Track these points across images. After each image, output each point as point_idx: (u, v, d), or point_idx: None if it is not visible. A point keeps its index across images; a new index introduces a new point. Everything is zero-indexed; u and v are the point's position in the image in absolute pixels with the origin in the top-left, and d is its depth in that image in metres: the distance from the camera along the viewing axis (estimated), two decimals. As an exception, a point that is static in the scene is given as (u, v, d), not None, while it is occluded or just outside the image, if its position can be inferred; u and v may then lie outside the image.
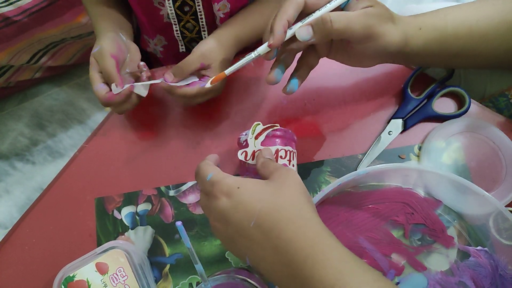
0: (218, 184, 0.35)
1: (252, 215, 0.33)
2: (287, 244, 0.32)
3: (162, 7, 0.61)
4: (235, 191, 0.35)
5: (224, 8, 0.60)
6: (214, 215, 0.36)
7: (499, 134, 0.50)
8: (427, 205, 0.48)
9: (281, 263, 0.32)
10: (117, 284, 0.45)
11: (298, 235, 0.32)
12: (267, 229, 0.33)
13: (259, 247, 0.33)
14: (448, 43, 0.46)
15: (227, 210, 0.34)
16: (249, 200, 0.34)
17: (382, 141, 0.52)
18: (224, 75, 0.44)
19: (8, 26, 1.05)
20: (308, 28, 0.40)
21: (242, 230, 0.34)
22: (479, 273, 0.45)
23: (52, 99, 1.36)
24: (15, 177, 1.26)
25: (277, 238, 0.32)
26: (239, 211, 0.34)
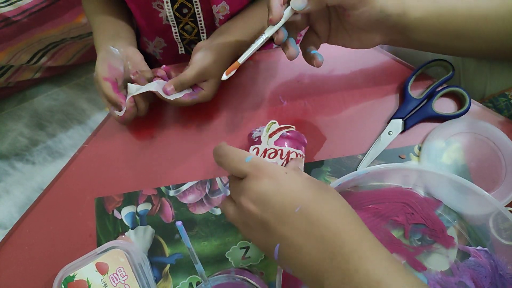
0: (263, 166, 0.34)
1: (297, 202, 0.32)
2: (335, 235, 0.31)
3: (160, 9, 0.61)
4: (282, 176, 0.34)
5: (223, 10, 0.60)
6: (251, 196, 0.34)
7: (499, 134, 0.50)
8: (427, 205, 0.48)
9: (324, 253, 0.31)
10: (117, 284, 0.45)
11: (347, 229, 0.32)
12: (314, 218, 0.32)
13: (300, 235, 0.32)
14: (447, 19, 0.45)
15: (270, 192, 0.33)
16: (296, 187, 0.33)
17: (382, 141, 0.52)
18: (238, 64, 0.43)
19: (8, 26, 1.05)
20: None
21: (284, 216, 0.32)
22: (479, 273, 0.45)
23: (52, 99, 1.36)
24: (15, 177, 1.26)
25: (325, 228, 0.32)
26: (284, 194, 0.33)
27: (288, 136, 0.44)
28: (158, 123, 0.57)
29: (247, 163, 0.35)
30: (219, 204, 0.52)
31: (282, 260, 0.33)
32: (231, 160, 0.36)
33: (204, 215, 0.52)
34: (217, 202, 0.52)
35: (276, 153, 0.44)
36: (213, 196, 0.53)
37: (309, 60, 0.46)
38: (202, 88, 0.53)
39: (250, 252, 0.50)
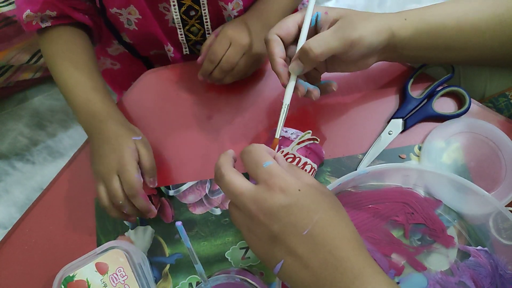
0: (278, 177, 0.34)
1: (307, 223, 0.32)
2: (338, 261, 0.31)
3: (167, 12, 0.61)
4: (295, 192, 0.33)
5: (237, 6, 0.59)
6: (262, 208, 0.33)
7: (499, 134, 0.50)
8: (427, 205, 0.48)
9: (326, 278, 0.31)
10: (117, 284, 0.45)
11: (351, 255, 0.32)
12: (320, 242, 0.32)
13: (304, 256, 0.32)
14: (437, 34, 0.46)
15: (281, 208, 0.33)
16: (307, 207, 0.33)
17: (382, 141, 0.52)
18: (277, 140, 0.43)
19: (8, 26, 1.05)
20: (297, 62, 0.43)
21: (291, 234, 0.32)
22: (479, 273, 0.45)
23: (52, 99, 1.35)
24: (15, 177, 1.26)
25: (329, 253, 0.32)
26: (295, 213, 0.32)
27: (311, 148, 0.45)
28: (157, 124, 0.57)
29: (263, 169, 0.34)
30: (219, 204, 0.52)
31: (283, 275, 0.33)
32: (251, 160, 0.36)
33: (203, 215, 0.52)
34: (217, 202, 0.52)
35: (294, 160, 0.45)
36: (213, 196, 0.53)
37: (324, 90, 0.48)
38: None
39: (250, 252, 0.50)
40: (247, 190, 0.34)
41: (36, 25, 0.55)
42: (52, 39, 0.57)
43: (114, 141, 0.49)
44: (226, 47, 0.53)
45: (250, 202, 0.33)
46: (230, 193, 0.35)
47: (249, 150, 0.36)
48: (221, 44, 0.53)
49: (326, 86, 0.48)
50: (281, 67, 0.44)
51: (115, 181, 0.47)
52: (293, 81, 0.44)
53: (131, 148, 0.49)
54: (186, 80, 0.59)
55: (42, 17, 0.55)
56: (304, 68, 0.43)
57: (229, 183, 0.34)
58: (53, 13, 0.55)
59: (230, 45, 0.53)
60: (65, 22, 0.57)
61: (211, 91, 0.58)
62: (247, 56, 0.53)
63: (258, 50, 0.54)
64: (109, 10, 0.60)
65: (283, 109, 0.44)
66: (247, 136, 0.55)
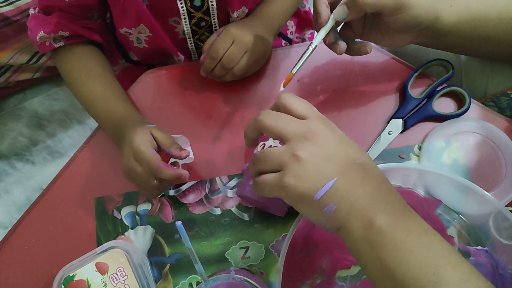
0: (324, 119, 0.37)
1: (358, 155, 0.35)
2: (389, 189, 0.35)
3: (177, 25, 0.61)
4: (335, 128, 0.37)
5: (242, 14, 0.60)
6: (319, 132, 0.34)
7: (499, 134, 0.50)
8: (427, 205, 0.48)
9: (379, 198, 0.33)
10: (117, 284, 0.45)
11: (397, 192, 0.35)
12: (370, 172, 0.34)
13: (358, 179, 0.34)
14: (478, 23, 0.46)
15: (335, 135, 0.35)
16: (355, 147, 0.36)
17: (382, 141, 0.52)
18: (292, 75, 0.44)
19: (8, 26, 1.05)
20: (343, 7, 0.43)
21: (345, 159, 0.34)
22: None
23: (51, 99, 1.35)
24: (15, 177, 1.26)
25: (383, 181, 0.35)
26: (347, 145, 0.35)
27: None
28: (157, 123, 0.57)
29: (315, 111, 0.37)
30: (219, 203, 0.52)
31: (332, 194, 0.33)
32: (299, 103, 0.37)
33: (204, 215, 0.52)
34: (217, 202, 0.52)
35: None
36: (213, 196, 0.53)
37: (357, 50, 0.49)
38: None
39: (250, 252, 0.50)
40: (298, 120, 0.36)
41: (49, 45, 0.56)
42: (66, 57, 0.58)
43: (129, 134, 0.49)
44: (229, 45, 0.53)
45: (304, 126, 0.35)
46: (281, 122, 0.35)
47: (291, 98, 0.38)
48: (224, 41, 0.53)
49: (361, 46, 0.48)
50: (323, 6, 0.44)
51: (137, 168, 0.46)
52: (330, 25, 0.44)
53: (142, 133, 0.48)
54: (186, 80, 0.59)
55: (55, 37, 0.56)
56: (348, 15, 0.43)
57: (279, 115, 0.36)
58: (66, 33, 0.56)
59: (233, 43, 0.53)
60: (78, 41, 0.58)
61: (211, 91, 0.58)
62: (249, 55, 0.53)
63: (260, 50, 0.54)
64: (119, 29, 0.61)
65: (310, 48, 0.44)
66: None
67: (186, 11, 0.57)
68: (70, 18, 0.56)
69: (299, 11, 0.76)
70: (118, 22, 0.60)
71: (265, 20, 0.58)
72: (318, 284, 0.46)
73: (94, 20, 0.59)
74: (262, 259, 0.49)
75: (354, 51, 0.49)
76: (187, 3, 0.57)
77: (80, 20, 0.57)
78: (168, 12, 0.58)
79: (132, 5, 0.55)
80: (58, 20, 0.55)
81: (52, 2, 0.55)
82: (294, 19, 0.77)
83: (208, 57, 0.54)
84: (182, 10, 0.57)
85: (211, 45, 0.54)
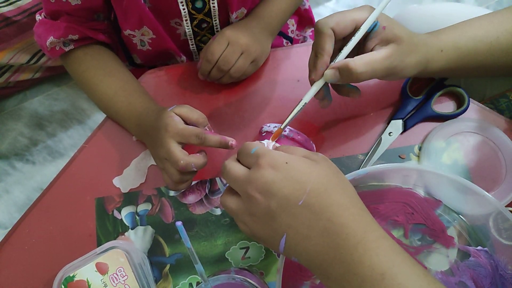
0: (265, 156, 0.35)
1: (300, 194, 0.33)
2: (338, 228, 0.32)
3: (179, 26, 0.61)
4: (283, 166, 0.34)
5: (241, 15, 0.60)
6: (256, 186, 0.34)
7: (499, 134, 0.50)
8: (427, 205, 0.48)
9: (329, 245, 0.32)
10: (117, 284, 0.45)
11: (351, 221, 0.32)
12: (317, 210, 0.32)
13: (304, 226, 0.33)
14: (468, 58, 0.47)
15: (274, 183, 0.33)
16: (298, 178, 0.33)
17: (382, 143, 0.52)
18: (281, 130, 0.44)
19: (8, 26, 1.05)
20: (335, 72, 0.43)
21: (288, 207, 0.33)
22: (479, 273, 0.45)
23: (52, 99, 1.35)
24: (15, 177, 1.26)
25: (328, 221, 0.32)
26: (287, 186, 0.33)
27: (295, 140, 0.45)
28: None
29: (252, 155, 0.36)
30: (219, 204, 0.52)
31: (288, 249, 0.34)
32: (242, 154, 0.37)
33: (204, 215, 0.52)
34: (217, 202, 0.52)
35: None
36: (213, 196, 0.53)
37: (347, 94, 0.48)
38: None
39: (250, 252, 0.50)
40: (242, 174, 0.35)
41: (60, 50, 0.57)
42: (79, 58, 0.58)
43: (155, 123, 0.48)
44: (224, 47, 0.53)
45: (246, 183, 0.35)
46: (229, 179, 0.36)
47: (240, 149, 0.38)
48: (219, 43, 0.53)
49: (351, 91, 0.48)
50: (323, 66, 0.43)
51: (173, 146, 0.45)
52: (320, 84, 0.44)
53: (170, 115, 0.47)
54: (186, 80, 0.59)
55: (64, 41, 0.56)
56: (339, 81, 0.43)
57: (229, 171, 0.36)
58: (75, 37, 0.56)
59: (228, 45, 0.53)
60: (87, 43, 0.58)
61: (210, 92, 0.58)
62: (245, 56, 0.53)
63: (257, 51, 0.54)
64: (123, 31, 0.61)
65: (299, 105, 0.44)
66: (246, 136, 0.55)
67: (187, 13, 0.58)
68: (78, 21, 0.56)
69: (299, 9, 0.76)
70: (122, 24, 0.60)
71: (263, 20, 0.58)
72: (318, 284, 0.46)
73: (101, 22, 0.59)
74: (262, 259, 0.49)
75: (344, 93, 0.48)
76: (188, 5, 0.57)
77: (88, 22, 0.57)
78: (169, 13, 0.58)
79: (135, 7, 0.55)
80: (67, 24, 0.55)
81: (59, 7, 0.55)
82: (295, 17, 0.77)
83: (204, 60, 0.54)
84: (184, 12, 0.57)
85: (207, 48, 0.54)
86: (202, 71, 0.55)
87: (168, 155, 0.46)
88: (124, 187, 0.53)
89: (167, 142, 0.46)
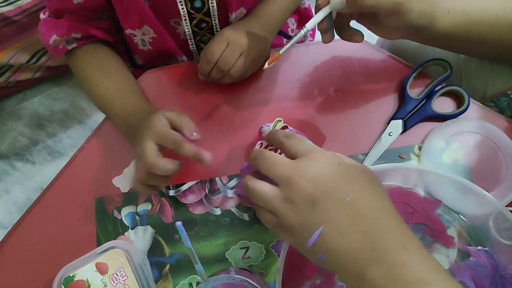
0: (318, 152, 0.35)
1: (348, 192, 0.33)
2: (383, 230, 0.32)
3: (178, 26, 0.61)
4: (335, 165, 0.34)
5: (240, 15, 0.60)
6: (303, 173, 0.34)
7: (499, 134, 0.50)
8: (427, 205, 0.48)
9: (369, 246, 0.31)
10: (117, 284, 0.45)
11: (393, 227, 0.32)
12: (360, 212, 0.33)
13: (346, 223, 0.32)
14: (474, 28, 0.47)
15: (322, 175, 0.33)
16: (347, 179, 0.34)
17: (382, 143, 0.52)
18: (279, 55, 0.45)
19: (8, 26, 1.05)
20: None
21: (333, 199, 0.33)
22: (479, 273, 0.45)
23: (52, 98, 1.35)
24: (15, 177, 1.26)
25: (370, 225, 0.32)
26: (336, 181, 0.33)
27: None
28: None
29: (306, 145, 0.36)
30: (219, 204, 0.52)
31: (320, 243, 0.33)
32: (293, 141, 0.37)
33: (204, 215, 0.52)
34: (217, 202, 0.52)
35: (276, 150, 0.44)
36: (213, 196, 0.53)
37: (349, 37, 0.49)
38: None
39: (250, 252, 0.50)
40: (286, 161, 0.35)
41: (63, 48, 0.57)
42: (80, 56, 0.58)
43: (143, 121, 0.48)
44: (223, 47, 0.53)
45: (290, 169, 0.34)
46: (268, 165, 0.35)
47: (287, 134, 0.38)
48: (218, 44, 0.53)
49: (354, 34, 0.49)
50: None
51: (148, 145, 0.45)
52: (325, 12, 0.44)
53: (157, 116, 0.46)
54: (186, 80, 0.59)
55: (67, 40, 0.57)
56: (345, 7, 0.44)
57: (268, 157, 0.36)
58: (78, 35, 0.56)
59: (228, 45, 0.53)
60: (89, 41, 0.58)
61: (210, 92, 0.58)
62: (245, 57, 0.53)
63: (257, 51, 0.54)
64: (125, 31, 0.61)
65: (301, 31, 0.44)
66: (246, 136, 0.55)
67: (186, 13, 0.57)
68: (81, 20, 0.56)
69: (299, 8, 0.76)
70: (123, 23, 0.60)
71: (262, 20, 0.58)
72: (318, 284, 0.46)
73: (104, 21, 0.59)
74: (262, 259, 0.49)
75: (346, 36, 0.49)
76: (187, 4, 0.57)
77: (91, 21, 0.57)
78: (169, 13, 0.58)
79: (135, 6, 0.55)
80: (70, 22, 0.55)
81: (61, 6, 0.55)
82: (295, 16, 0.77)
83: (204, 61, 0.54)
84: (183, 11, 0.57)
85: (206, 48, 0.54)
86: (202, 71, 0.55)
87: (141, 152, 0.45)
88: (124, 187, 0.53)
89: (144, 139, 0.45)
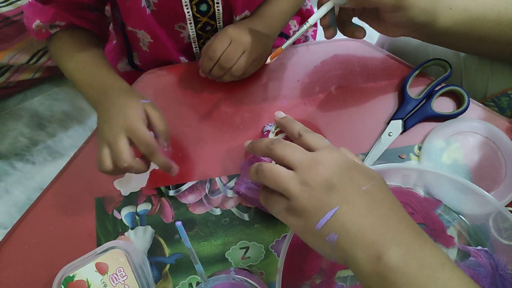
0: (336, 149, 0.37)
1: (364, 183, 0.34)
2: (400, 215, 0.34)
3: (183, 30, 0.61)
4: (352, 162, 0.36)
5: (245, 17, 0.60)
6: (323, 161, 0.34)
7: (499, 134, 0.50)
8: (427, 205, 0.48)
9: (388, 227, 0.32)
10: (117, 284, 0.45)
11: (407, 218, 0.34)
12: (379, 199, 0.34)
13: (364, 205, 0.33)
14: (475, 25, 0.47)
15: (340, 164, 0.35)
16: (364, 172, 0.35)
17: (382, 143, 0.52)
18: (281, 50, 0.45)
19: (8, 26, 1.05)
20: None
21: (350, 186, 0.34)
22: (479, 273, 0.45)
23: (52, 99, 1.35)
24: (15, 177, 1.26)
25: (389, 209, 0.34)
26: (354, 172, 0.35)
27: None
28: (158, 123, 0.57)
29: (327, 142, 0.38)
30: (219, 204, 0.52)
31: (333, 222, 0.33)
32: (312, 135, 0.38)
33: (203, 215, 0.52)
34: (217, 202, 0.52)
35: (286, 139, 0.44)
36: (213, 196, 0.53)
37: (351, 33, 0.49)
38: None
39: (250, 252, 0.50)
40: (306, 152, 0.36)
41: (46, 32, 0.56)
42: (59, 37, 0.58)
43: (120, 103, 0.47)
44: (226, 45, 0.53)
45: (310, 158, 0.35)
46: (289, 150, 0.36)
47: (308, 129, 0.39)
48: (221, 41, 0.53)
49: (356, 30, 0.49)
50: None
51: (122, 142, 0.44)
52: (328, 7, 0.45)
53: (138, 108, 0.46)
54: (186, 80, 0.59)
55: (51, 25, 0.56)
56: (347, 2, 0.44)
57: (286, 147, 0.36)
58: (62, 23, 0.56)
59: (230, 43, 0.53)
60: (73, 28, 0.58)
61: (210, 91, 0.58)
62: (247, 55, 0.53)
63: (259, 50, 0.54)
64: (127, 27, 0.61)
65: (304, 26, 0.44)
66: (246, 136, 0.55)
67: (192, 16, 0.57)
68: (67, 9, 0.55)
69: (301, 10, 0.76)
70: (126, 19, 0.60)
71: (264, 20, 0.58)
72: (318, 284, 0.46)
73: (90, 12, 0.59)
74: (262, 259, 0.49)
75: (349, 32, 0.50)
76: (193, 8, 0.57)
77: (77, 11, 0.57)
78: (174, 17, 0.58)
79: (136, 8, 0.55)
80: (55, 10, 0.55)
81: None
82: (297, 18, 0.77)
83: (206, 58, 0.54)
84: (188, 15, 0.57)
85: (209, 45, 0.54)
86: (204, 68, 0.55)
87: (114, 146, 0.44)
88: (125, 190, 0.53)
89: (118, 132, 0.45)
